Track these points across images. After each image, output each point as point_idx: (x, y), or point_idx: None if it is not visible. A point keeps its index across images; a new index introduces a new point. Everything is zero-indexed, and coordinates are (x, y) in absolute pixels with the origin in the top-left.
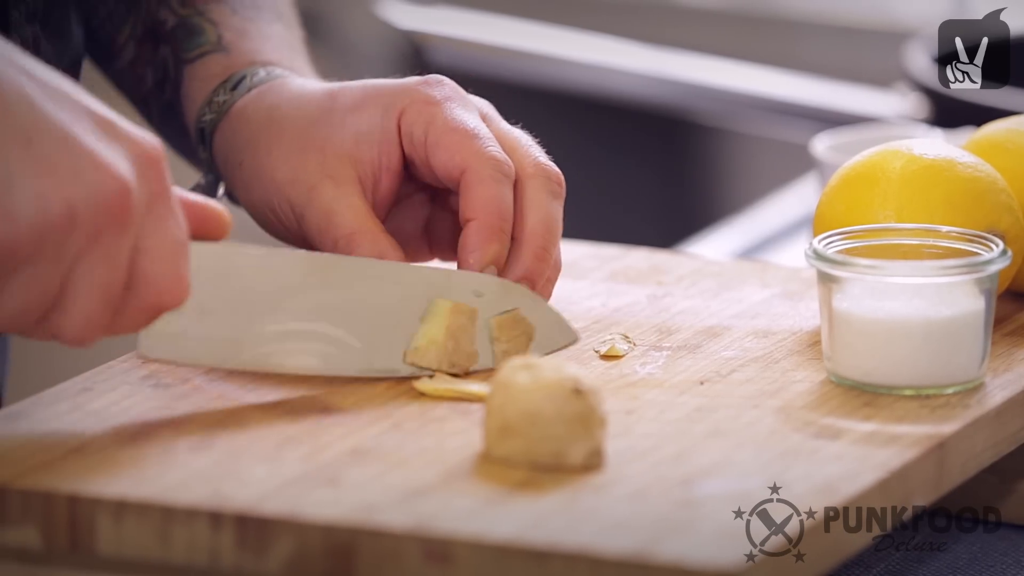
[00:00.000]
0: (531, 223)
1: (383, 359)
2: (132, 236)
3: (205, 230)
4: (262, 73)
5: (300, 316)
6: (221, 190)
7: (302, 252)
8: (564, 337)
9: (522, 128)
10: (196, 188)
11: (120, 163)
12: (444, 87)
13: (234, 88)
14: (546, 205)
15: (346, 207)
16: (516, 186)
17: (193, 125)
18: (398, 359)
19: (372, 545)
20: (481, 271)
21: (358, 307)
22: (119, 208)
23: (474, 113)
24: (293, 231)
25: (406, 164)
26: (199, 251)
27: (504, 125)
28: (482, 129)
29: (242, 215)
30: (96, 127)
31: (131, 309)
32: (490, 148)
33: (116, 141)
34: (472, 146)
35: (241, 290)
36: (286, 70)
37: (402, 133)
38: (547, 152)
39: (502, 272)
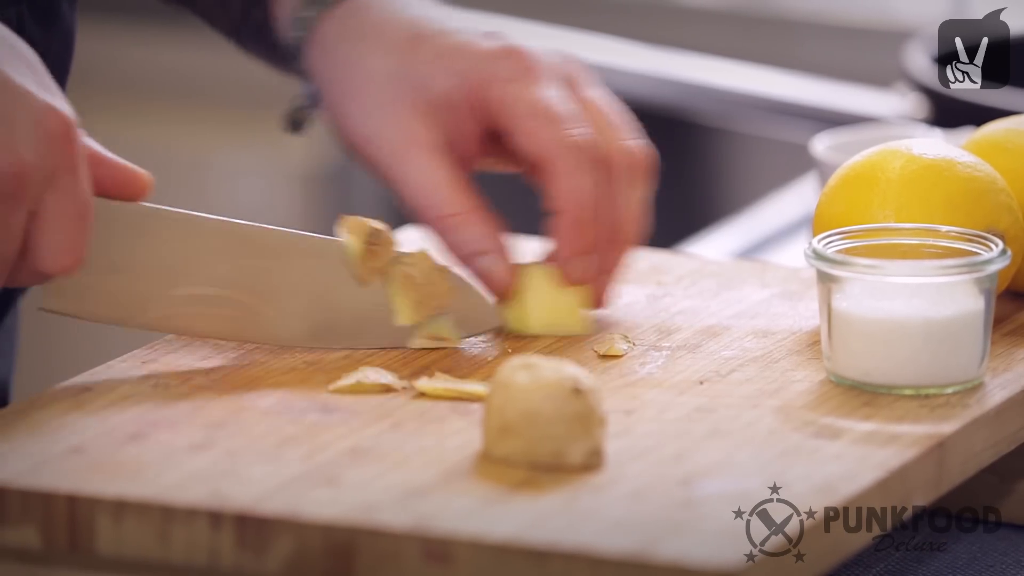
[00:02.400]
0: (612, 216)
1: (292, 331)
2: (25, 209)
3: (125, 191)
4: None
5: (213, 282)
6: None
7: (222, 220)
8: (490, 321)
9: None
10: (301, 101)
11: (21, 142)
12: (523, 58)
13: (316, 1)
14: (629, 197)
15: (443, 181)
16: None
17: (284, 42)
18: (307, 332)
19: (372, 545)
20: (579, 267)
21: (274, 278)
22: (13, 186)
23: (557, 85)
24: (382, 179)
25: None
26: (116, 210)
27: (591, 93)
28: (565, 108)
29: None
30: (7, 98)
31: (23, 273)
32: (575, 134)
33: (24, 112)
34: (555, 134)
35: (155, 252)
36: None
37: (479, 107)
38: None
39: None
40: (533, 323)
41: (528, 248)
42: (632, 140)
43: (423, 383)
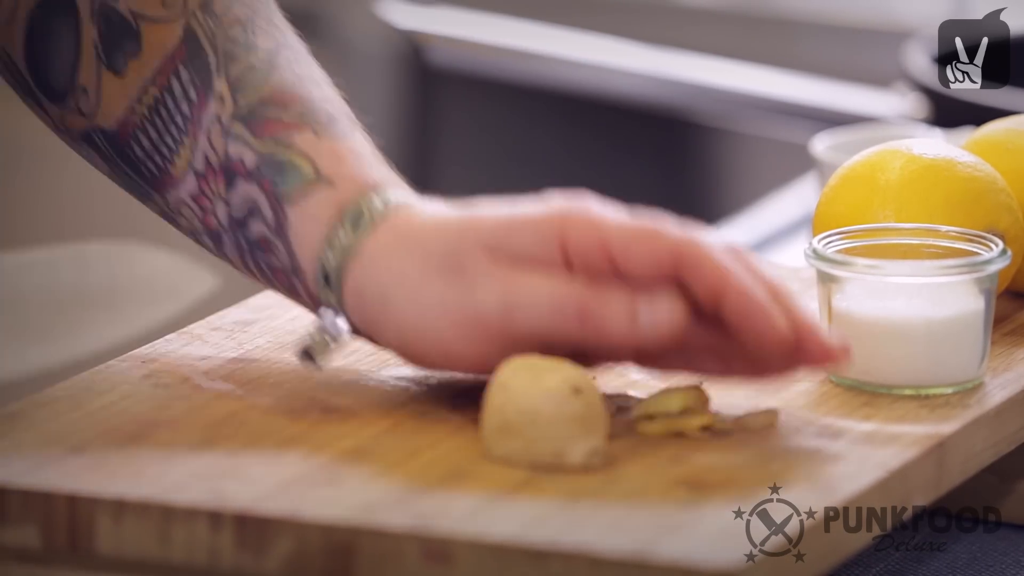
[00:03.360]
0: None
1: None
2: None
3: None
4: (377, 203)
5: None
6: (345, 325)
7: None
8: None
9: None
10: (322, 326)
11: None
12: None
13: (355, 225)
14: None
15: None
16: None
17: (312, 266)
18: None
19: (372, 545)
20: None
21: None
22: None
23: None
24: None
25: None
26: None
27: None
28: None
29: None
30: None
31: None
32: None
33: None
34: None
35: None
36: (395, 189)
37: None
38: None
39: None
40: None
41: None
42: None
43: (645, 425)
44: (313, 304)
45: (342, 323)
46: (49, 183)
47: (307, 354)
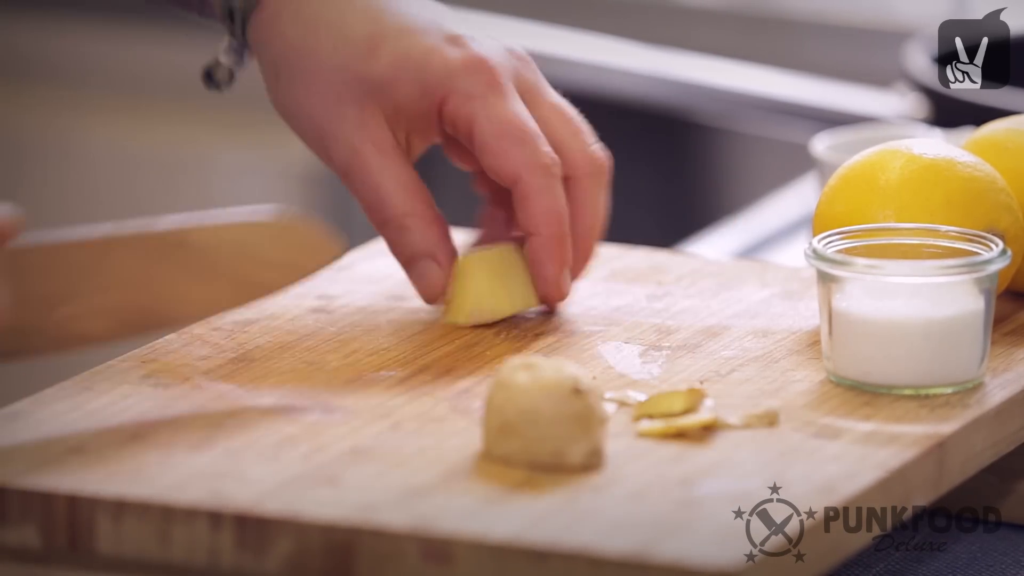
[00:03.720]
0: (582, 224)
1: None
2: None
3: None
4: None
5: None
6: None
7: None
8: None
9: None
10: (227, 59)
11: None
12: (488, 71)
13: None
14: (597, 203)
15: (395, 184)
16: (566, 181)
17: (219, 2)
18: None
19: (372, 545)
20: (563, 283)
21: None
22: None
23: (515, 101)
24: (329, 167)
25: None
26: None
27: (548, 100)
28: (528, 128)
29: None
30: None
31: None
32: (539, 153)
33: None
34: (520, 155)
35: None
36: None
37: (443, 120)
38: None
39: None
40: (472, 313)
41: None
42: (592, 145)
43: (644, 426)
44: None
45: (239, 50)
46: (53, 178)
47: (209, 76)
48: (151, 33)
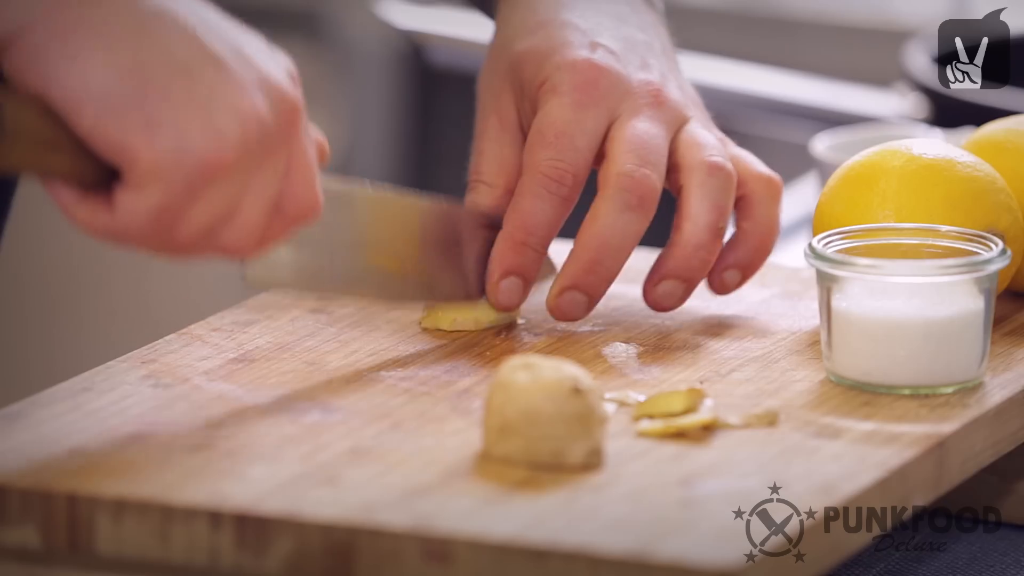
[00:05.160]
0: (584, 235)
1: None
2: (289, 151)
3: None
4: None
5: (370, 249)
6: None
7: (378, 192)
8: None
9: None
10: None
11: (284, 80)
12: (579, 74)
13: None
14: (608, 218)
15: (495, 158)
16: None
17: None
18: (458, 290)
19: (372, 545)
20: (497, 289)
21: (416, 242)
22: (291, 123)
23: (572, 109)
24: None
25: None
26: None
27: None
28: (567, 138)
29: None
30: (244, 50)
31: (277, 224)
32: (547, 161)
33: (269, 59)
34: (533, 157)
35: (340, 224)
36: None
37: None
38: None
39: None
40: (455, 321)
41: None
42: (632, 167)
43: (644, 425)
44: None
45: None
46: None
47: None
48: None
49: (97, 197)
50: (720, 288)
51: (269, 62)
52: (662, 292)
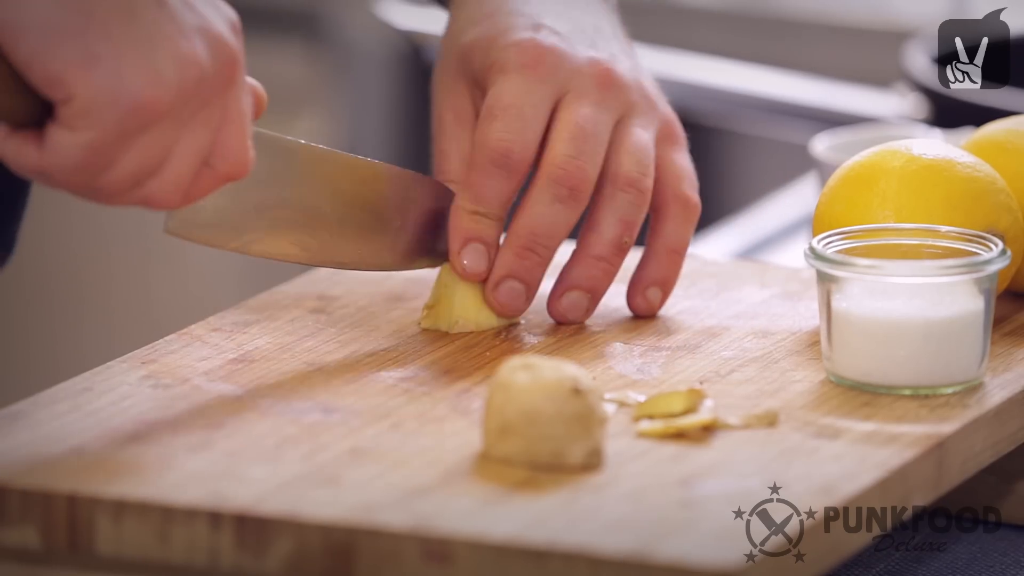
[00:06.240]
0: (515, 224)
1: (367, 256)
2: (224, 105)
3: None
4: None
5: (291, 205)
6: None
7: (308, 146)
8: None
9: None
10: None
11: (226, 30)
12: (528, 53)
13: None
14: (538, 207)
15: (457, 154)
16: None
17: None
18: (384, 258)
19: (371, 545)
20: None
21: (348, 203)
22: (229, 73)
23: (518, 84)
24: None
25: None
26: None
27: (579, 113)
28: (514, 111)
29: None
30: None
31: (205, 179)
32: (495, 135)
33: (212, 8)
34: (482, 132)
35: (255, 176)
36: None
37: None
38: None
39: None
40: (456, 323)
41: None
42: (564, 159)
43: (644, 426)
44: None
45: None
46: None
47: None
48: None
49: (27, 133)
50: (645, 307)
51: (212, 11)
52: (567, 304)
